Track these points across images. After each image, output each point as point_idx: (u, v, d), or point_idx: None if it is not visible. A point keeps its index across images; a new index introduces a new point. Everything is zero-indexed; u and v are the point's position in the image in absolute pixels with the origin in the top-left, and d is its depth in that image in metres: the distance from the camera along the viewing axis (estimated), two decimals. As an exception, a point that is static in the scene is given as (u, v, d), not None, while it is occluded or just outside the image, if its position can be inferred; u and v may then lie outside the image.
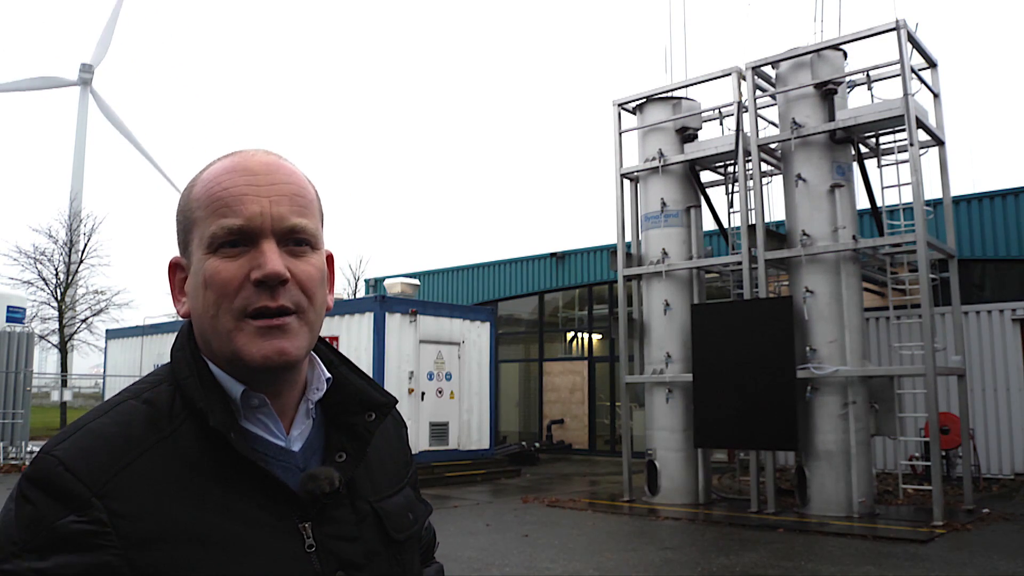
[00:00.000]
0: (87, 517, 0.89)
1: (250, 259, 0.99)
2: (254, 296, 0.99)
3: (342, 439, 1.09)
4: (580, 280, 21.04)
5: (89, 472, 0.91)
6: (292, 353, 1.00)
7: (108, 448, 0.94)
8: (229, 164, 1.04)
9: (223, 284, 0.99)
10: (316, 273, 1.04)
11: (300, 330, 1.01)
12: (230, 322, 0.99)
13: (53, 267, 27.85)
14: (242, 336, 0.99)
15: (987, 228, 15.16)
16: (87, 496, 0.90)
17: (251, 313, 0.99)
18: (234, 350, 0.99)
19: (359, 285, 32.27)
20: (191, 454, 0.97)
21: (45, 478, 0.91)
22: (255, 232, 1.00)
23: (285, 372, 1.03)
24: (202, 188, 1.03)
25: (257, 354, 0.98)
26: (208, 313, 1.00)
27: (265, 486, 0.99)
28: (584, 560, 8.24)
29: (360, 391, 1.13)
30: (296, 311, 1.01)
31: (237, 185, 1.01)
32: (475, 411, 15.96)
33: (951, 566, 7.80)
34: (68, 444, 0.94)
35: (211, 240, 1.00)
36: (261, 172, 1.02)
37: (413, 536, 1.16)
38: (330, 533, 1.02)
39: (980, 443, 13.94)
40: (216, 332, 1.00)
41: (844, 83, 11.55)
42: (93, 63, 55.67)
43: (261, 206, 1.00)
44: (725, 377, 11.18)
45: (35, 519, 0.89)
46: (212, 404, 0.99)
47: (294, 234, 1.02)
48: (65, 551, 0.87)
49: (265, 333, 0.99)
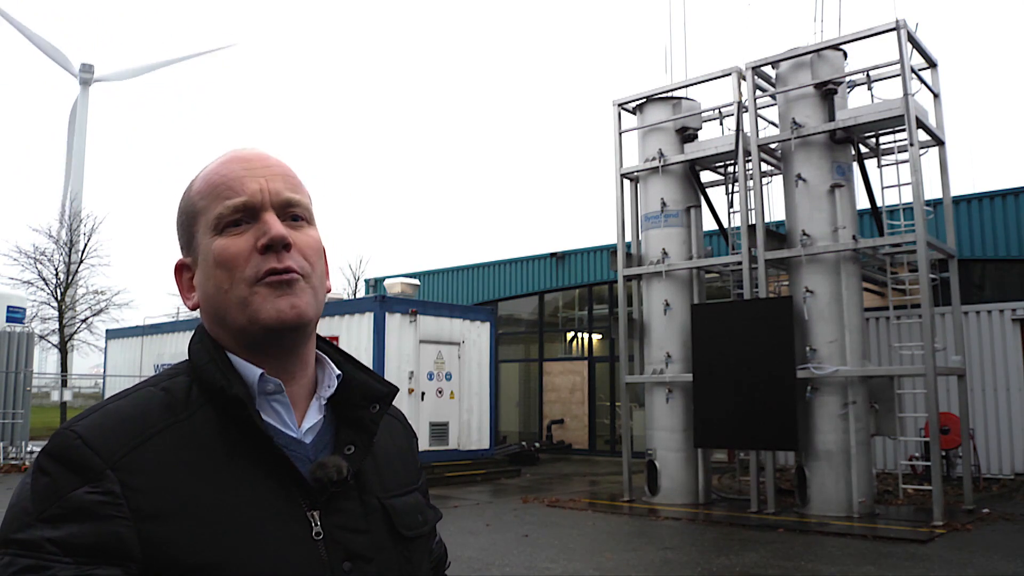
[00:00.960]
0: (100, 488, 0.92)
1: (255, 231, 1.06)
2: (262, 262, 1.04)
3: (350, 434, 1.11)
4: (580, 280, 21.04)
5: (105, 446, 0.95)
6: (302, 307, 1.05)
7: (125, 426, 0.98)
8: (224, 158, 1.12)
9: (233, 257, 1.05)
10: (315, 243, 1.11)
11: (308, 290, 1.07)
12: (244, 290, 1.04)
13: (53, 267, 27.84)
14: (256, 298, 1.04)
15: (987, 228, 15.17)
16: (102, 468, 0.93)
17: (262, 277, 1.04)
18: (249, 314, 1.04)
19: (359, 285, 32.24)
20: (205, 437, 1.01)
21: (63, 451, 0.94)
22: (256, 207, 1.07)
23: (296, 332, 1.07)
24: (202, 182, 1.10)
25: (272, 310, 1.03)
26: (222, 288, 1.05)
27: (277, 471, 1.02)
28: (584, 560, 8.24)
29: (363, 384, 1.16)
30: (301, 273, 1.06)
31: (234, 171, 1.09)
32: (475, 411, 15.97)
33: (951, 566, 7.80)
34: (87, 422, 0.98)
35: (217, 221, 1.06)
36: (255, 159, 1.11)
37: (423, 536, 1.17)
38: (338, 523, 1.04)
39: (980, 443, 13.95)
40: (231, 304, 1.05)
41: (844, 83, 11.55)
42: (108, 77, 55.71)
43: (259, 184, 1.07)
44: (725, 377, 11.19)
45: (50, 490, 0.92)
46: (232, 380, 1.03)
47: (290, 207, 1.09)
48: (77, 521, 0.90)
49: (277, 289, 1.04)
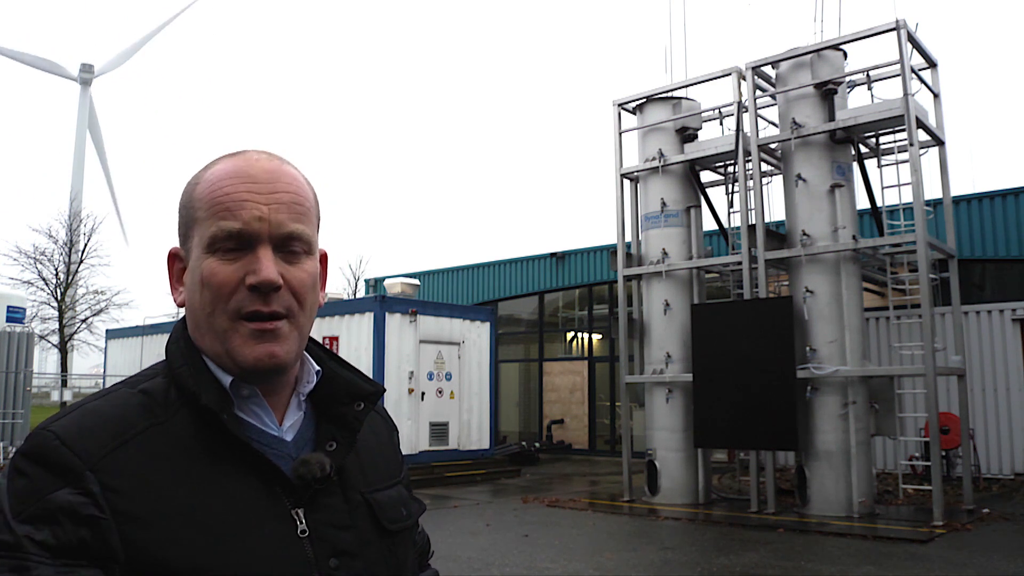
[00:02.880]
0: (81, 489, 0.90)
1: (246, 264, 1.03)
2: (248, 300, 1.02)
3: (332, 430, 1.11)
4: (580, 280, 21.04)
5: (85, 447, 0.93)
6: (282, 357, 1.04)
7: (104, 427, 0.96)
8: (232, 168, 1.07)
9: (219, 286, 1.03)
10: (308, 279, 1.08)
11: (290, 334, 1.05)
12: (226, 322, 1.03)
13: (53, 267, 27.87)
14: (236, 337, 1.03)
15: (987, 228, 15.17)
16: (82, 469, 0.92)
17: (245, 315, 1.02)
18: (228, 350, 1.04)
19: (359, 285, 32.24)
20: (185, 439, 1.00)
21: (41, 452, 0.93)
22: (252, 237, 1.03)
23: (274, 375, 1.06)
24: (205, 188, 1.06)
25: (250, 356, 1.03)
26: (205, 311, 1.04)
27: (258, 470, 1.01)
28: (584, 560, 8.24)
29: (348, 382, 1.16)
30: (287, 315, 1.05)
31: (239, 191, 1.04)
32: (475, 411, 15.96)
33: (951, 566, 7.80)
34: (65, 421, 0.96)
35: (211, 241, 1.04)
36: (263, 180, 1.06)
37: (407, 529, 1.18)
38: (323, 520, 1.04)
39: (980, 443, 13.94)
40: (212, 329, 1.04)
41: (844, 83, 11.55)
42: (105, 69, 55.74)
43: (260, 212, 1.03)
44: (725, 377, 11.18)
45: (29, 491, 0.90)
46: (206, 387, 1.02)
47: (291, 240, 1.06)
48: (58, 522, 0.88)
49: (258, 336, 1.03)
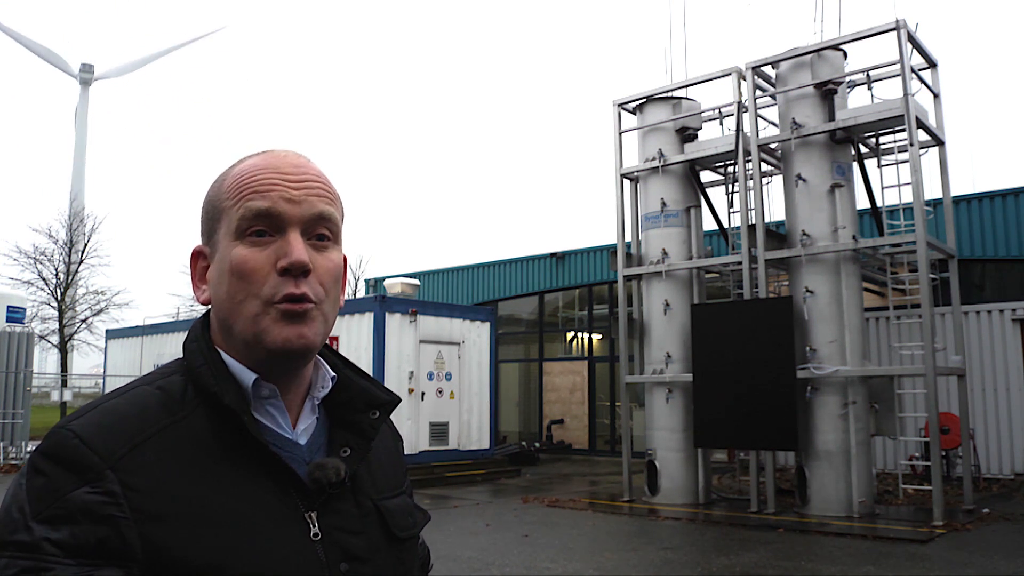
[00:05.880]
0: (100, 488, 0.90)
1: (276, 249, 1.03)
2: (280, 284, 1.02)
3: (346, 436, 1.11)
4: (580, 280, 21.04)
5: (104, 445, 0.92)
6: (310, 338, 1.03)
7: (123, 425, 0.96)
8: (261, 162, 1.07)
9: (251, 272, 1.02)
10: (334, 269, 1.08)
11: (318, 318, 1.05)
12: (258, 307, 1.02)
13: (53, 267, 27.89)
14: (266, 320, 1.02)
15: (987, 228, 15.17)
16: (101, 468, 0.91)
17: (277, 300, 1.02)
18: (256, 332, 1.02)
19: (359, 285, 32.27)
20: (203, 438, 0.99)
21: (60, 451, 0.92)
22: (282, 219, 1.03)
23: (300, 358, 1.06)
24: (232, 180, 1.07)
25: (279, 336, 1.01)
26: (235, 299, 1.03)
27: (274, 472, 1.01)
28: (584, 560, 8.24)
29: (365, 390, 1.16)
30: (315, 301, 1.04)
31: (268, 179, 1.05)
32: (475, 411, 15.96)
33: (951, 566, 7.80)
34: (83, 420, 0.96)
35: (239, 224, 1.03)
36: (290, 170, 1.06)
37: (413, 537, 1.19)
38: (335, 524, 1.04)
39: (980, 443, 13.95)
40: (241, 316, 1.03)
41: (844, 83, 11.55)
42: (108, 75, 55.78)
43: (290, 195, 1.04)
44: (725, 377, 11.18)
45: (48, 490, 0.89)
46: (226, 387, 1.02)
47: (321, 222, 1.06)
48: (78, 521, 0.88)
49: (289, 317, 1.02)
